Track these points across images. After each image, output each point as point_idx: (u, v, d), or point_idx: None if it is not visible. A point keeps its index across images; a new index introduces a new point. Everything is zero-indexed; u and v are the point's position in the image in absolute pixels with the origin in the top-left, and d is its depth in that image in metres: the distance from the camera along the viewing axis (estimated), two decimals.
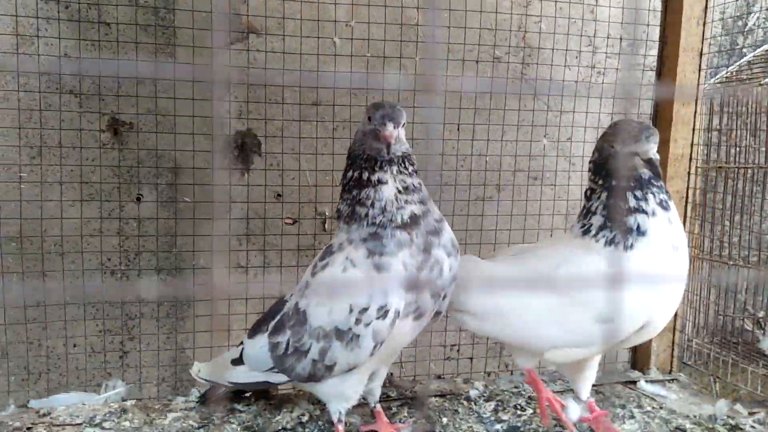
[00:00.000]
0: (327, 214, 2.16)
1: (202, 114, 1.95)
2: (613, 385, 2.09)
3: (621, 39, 2.25)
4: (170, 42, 1.92)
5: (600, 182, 1.51)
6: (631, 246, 1.43)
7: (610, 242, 1.45)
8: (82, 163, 1.90)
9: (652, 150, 1.44)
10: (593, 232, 1.48)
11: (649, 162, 1.44)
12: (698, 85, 2.13)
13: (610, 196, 1.47)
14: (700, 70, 2.12)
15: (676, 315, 2.24)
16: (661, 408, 1.88)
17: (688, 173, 2.16)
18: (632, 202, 1.44)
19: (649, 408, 1.88)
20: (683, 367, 2.39)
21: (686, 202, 2.17)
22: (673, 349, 2.25)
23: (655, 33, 2.20)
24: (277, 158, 2.06)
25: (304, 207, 2.10)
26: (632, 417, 1.81)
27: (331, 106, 2.04)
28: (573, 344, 1.49)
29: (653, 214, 1.44)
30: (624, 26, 2.23)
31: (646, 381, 2.10)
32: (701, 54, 2.11)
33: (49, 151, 1.88)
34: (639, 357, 2.29)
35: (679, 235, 1.48)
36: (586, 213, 1.52)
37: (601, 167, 1.50)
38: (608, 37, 2.24)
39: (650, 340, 2.24)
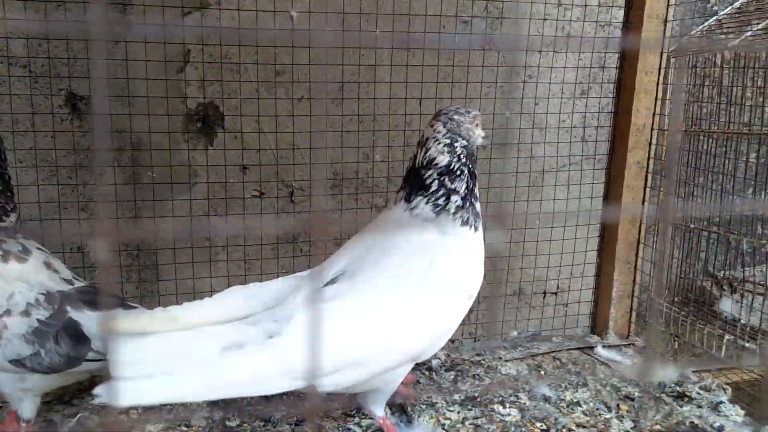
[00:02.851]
0: (293, 185, 2.16)
1: (160, 94, 1.91)
2: (570, 351, 2.17)
3: (586, 6, 2.20)
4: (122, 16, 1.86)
5: (466, 162, 1.47)
6: (476, 228, 1.48)
7: (465, 222, 1.46)
8: (36, 146, 1.87)
9: None
10: (452, 210, 1.43)
11: None
12: (661, 52, 2.11)
13: (472, 177, 1.48)
14: (664, 37, 2.10)
15: (634, 281, 2.31)
16: (613, 375, 1.97)
17: (649, 143, 2.17)
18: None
19: (602, 375, 1.96)
20: (644, 326, 2.48)
21: (647, 172, 2.19)
22: (630, 314, 2.32)
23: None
24: (240, 133, 2.04)
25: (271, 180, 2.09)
26: (585, 385, 1.89)
27: (290, 82, 2.00)
28: (450, 332, 1.45)
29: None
30: None
31: (603, 346, 2.18)
32: (666, 21, 2.09)
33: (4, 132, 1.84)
34: (598, 321, 2.37)
35: None
36: (447, 192, 1.44)
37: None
38: (573, 5, 2.19)
39: (609, 305, 2.32)
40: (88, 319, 1.47)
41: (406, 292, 1.35)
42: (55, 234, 1.95)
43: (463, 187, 1.44)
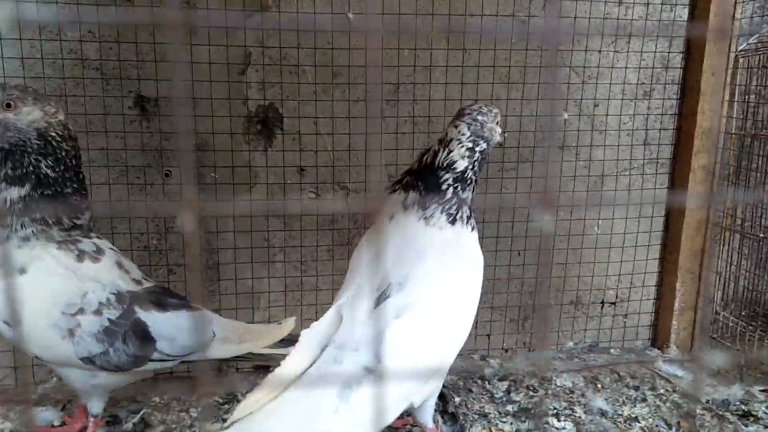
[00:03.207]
0: (348, 187, 2.17)
1: (222, 96, 1.97)
2: (629, 364, 2.09)
3: (648, 4, 2.14)
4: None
5: (478, 170, 1.47)
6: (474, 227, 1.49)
7: (474, 228, 1.48)
8: (108, 146, 1.96)
9: None
10: (465, 219, 1.45)
11: None
12: (729, 51, 2.03)
13: (476, 184, 1.48)
14: (731, 35, 2.02)
15: (698, 292, 2.21)
16: (674, 391, 1.88)
17: (716, 147, 2.08)
18: None
19: (662, 390, 1.88)
20: (710, 341, 2.36)
21: (713, 176, 2.10)
22: (693, 327, 2.22)
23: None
24: (298, 134, 2.08)
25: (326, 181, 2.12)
26: (644, 400, 1.82)
27: (347, 84, 2.03)
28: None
29: None
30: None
31: (664, 360, 2.09)
32: (733, 18, 2.01)
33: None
34: (659, 334, 2.28)
35: None
36: (459, 202, 1.44)
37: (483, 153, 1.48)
38: (634, 3, 2.14)
39: (671, 317, 2.23)
40: (155, 320, 1.50)
41: (455, 292, 1.39)
42: (125, 231, 2.02)
43: (470, 197, 1.46)
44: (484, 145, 1.45)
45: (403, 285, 1.35)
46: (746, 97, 2.12)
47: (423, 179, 1.44)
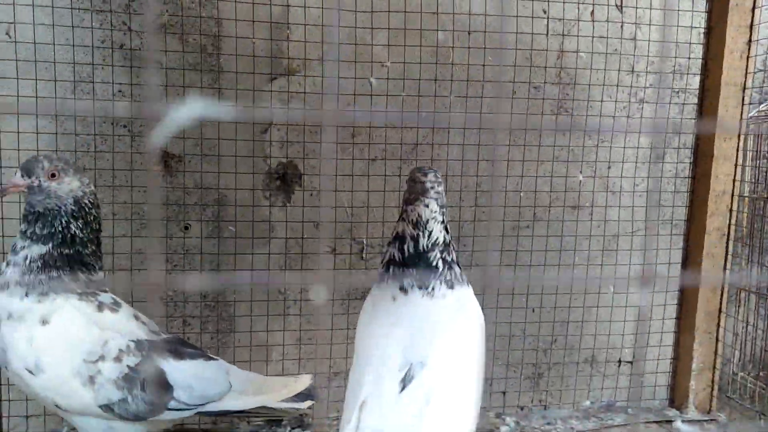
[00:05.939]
0: (364, 242, 2.20)
1: (245, 153, 2.03)
2: (648, 424, 2.07)
3: (660, 73, 2.21)
4: (216, 83, 2.02)
5: (449, 230, 1.51)
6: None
7: (468, 283, 1.51)
8: (133, 201, 2.01)
9: None
10: (460, 279, 1.48)
11: None
12: (741, 119, 2.08)
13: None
14: (743, 105, 2.08)
15: (716, 352, 2.20)
16: None
17: (730, 210, 2.11)
18: None
19: None
20: (728, 401, 2.33)
21: (727, 239, 2.12)
22: (712, 388, 2.20)
23: (697, 65, 2.17)
24: (316, 191, 2.12)
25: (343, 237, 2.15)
26: None
27: (367, 144, 2.09)
28: None
29: None
30: (663, 59, 2.20)
31: (683, 421, 2.07)
32: (744, 88, 2.07)
33: (103, 187, 1.99)
34: (677, 394, 2.25)
35: None
36: (450, 264, 1.47)
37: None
38: (647, 72, 2.21)
39: (689, 377, 2.21)
40: (172, 369, 1.53)
41: (471, 354, 1.41)
42: (145, 284, 2.05)
43: (455, 254, 1.49)
44: (445, 209, 1.50)
45: (424, 363, 1.36)
46: (757, 162, 2.17)
47: (414, 265, 1.46)
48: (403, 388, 1.33)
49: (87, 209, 1.55)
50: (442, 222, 1.48)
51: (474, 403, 1.39)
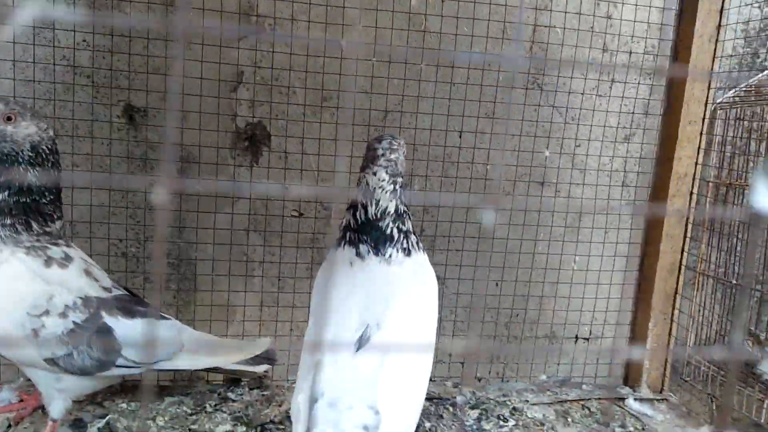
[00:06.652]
0: (332, 208, 2.19)
1: (212, 110, 2.00)
2: (600, 400, 2.10)
3: (630, 53, 2.23)
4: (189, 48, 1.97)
5: (405, 200, 1.52)
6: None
7: (424, 249, 1.56)
8: (93, 152, 1.97)
9: None
10: (416, 247, 1.51)
11: None
12: (706, 103, 2.10)
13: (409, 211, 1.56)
14: (709, 89, 2.10)
15: (670, 333, 2.24)
16: (644, 429, 1.89)
17: (691, 192, 2.14)
18: None
19: (632, 429, 1.89)
20: (682, 383, 2.38)
21: (687, 221, 2.15)
22: (665, 368, 2.24)
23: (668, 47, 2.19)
24: (284, 153, 2.10)
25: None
26: None
27: (336, 108, 2.07)
28: None
29: None
30: (635, 39, 2.21)
31: (635, 399, 2.11)
32: (711, 72, 2.09)
33: (63, 138, 1.95)
34: (631, 373, 2.29)
35: None
36: (406, 233, 1.49)
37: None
38: (618, 51, 2.22)
39: (643, 356, 2.25)
40: (121, 326, 1.51)
41: (426, 318, 1.44)
42: (103, 237, 2.02)
43: (410, 223, 1.50)
44: (401, 179, 1.49)
45: (380, 325, 1.36)
46: (723, 147, 2.20)
47: (368, 233, 1.47)
48: (358, 348, 1.34)
49: (45, 155, 1.51)
50: (394, 191, 1.46)
51: (427, 365, 1.40)
